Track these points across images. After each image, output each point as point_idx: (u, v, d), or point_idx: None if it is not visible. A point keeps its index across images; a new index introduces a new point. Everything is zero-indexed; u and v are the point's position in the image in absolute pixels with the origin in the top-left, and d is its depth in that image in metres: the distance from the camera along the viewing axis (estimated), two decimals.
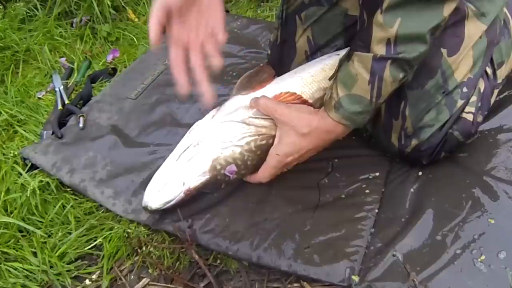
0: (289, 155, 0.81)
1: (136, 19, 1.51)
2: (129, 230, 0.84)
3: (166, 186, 0.80)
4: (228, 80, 1.16)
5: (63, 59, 1.34)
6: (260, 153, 0.82)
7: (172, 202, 0.80)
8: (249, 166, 0.83)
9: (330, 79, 0.83)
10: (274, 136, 0.82)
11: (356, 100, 0.77)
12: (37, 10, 1.48)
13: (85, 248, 0.85)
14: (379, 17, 0.71)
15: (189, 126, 0.86)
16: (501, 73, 0.92)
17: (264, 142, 0.82)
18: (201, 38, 0.74)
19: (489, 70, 0.88)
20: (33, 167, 0.98)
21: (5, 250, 0.83)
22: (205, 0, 0.74)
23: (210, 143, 0.81)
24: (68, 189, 0.95)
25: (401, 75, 0.74)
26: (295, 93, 0.86)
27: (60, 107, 1.13)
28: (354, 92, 0.76)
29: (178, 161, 0.81)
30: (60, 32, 1.43)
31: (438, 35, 0.74)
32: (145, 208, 0.80)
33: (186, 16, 0.74)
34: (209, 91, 0.73)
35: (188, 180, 0.80)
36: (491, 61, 0.88)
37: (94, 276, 0.82)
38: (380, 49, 0.72)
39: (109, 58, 1.34)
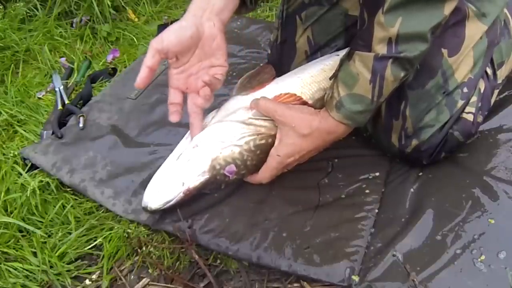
0: (290, 156, 0.81)
1: (136, 19, 1.51)
2: (129, 230, 0.84)
3: (166, 186, 0.80)
4: (228, 80, 1.15)
5: (63, 59, 1.34)
6: (260, 153, 0.82)
7: (172, 202, 0.80)
8: (248, 166, 0.83)
9: (330, 78, 0.83)
10: (273, 136, 0.82)
11: (357, 99, 0.77)
12: (37, 10, 1.48)
13: (85, 248, 0.84)
14: (380, 17, 0.71)
15: (189, 126, 0.86)
16: (501, 74, 0.92)
17: (263, 141, 0.82)
18: (200, 85, 0.81)
19: (489, 71, 0.88)
20: (33, 167, 0.98)
21: (5, 250, 0.83)
22: (209, 46, 0.79)
23: (209, 143, 0.81)
24: (68, 189, 0.94)
25: (402, 74, 0.74)
26: (295, 94, 0.86)
27: (60, 107, 1.13)
28: (355, 92, 0.76)
29: (177, 161, 0.81)
30: (60, 32, 1.43)
31: (439, 34, 0.74)
32: (145, 209, 0.80)
33: (185, 59, 0.80)
34: (199, 128, 0.83)
35: (188, 180, 0.80)
36: (491, 61, 0.88)
37: (94, 276, 0.82)
38: (381, 49, 0.72)
39: (109, 58, 1.34)
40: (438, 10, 0.70)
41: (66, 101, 1.14)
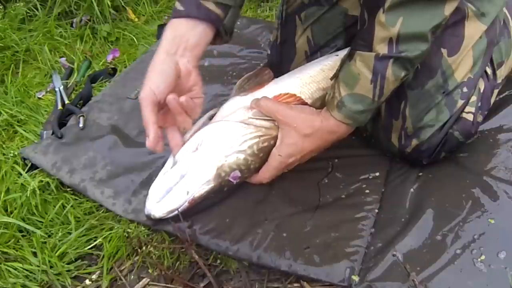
0: (291, 156, 0.81)
1: (136, 19, 1.51)
2: (129, 230, 0.84)
3: (170, 195, 0.79)
4: (228, 80, 1.16)
5: (63, 59, 1.34)
6: (263, 155, 0.82)
7: (176, 212, 0.79)
8: (252, 169, 0.82)
9: (331, 78, 0.83)
10: (275, 137, 0.82)
11: (358, 99, 0.77)
12: (37, 10, 1.48)
13: (85, 248, 0.84)
14: (381, 16, 0.71)
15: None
16: (501, 73, 0.92)
17: (266, 144, 0.82)
18: (178, 119, 0.77)
19: (489, 70, 0.88)
20: (33, 167, 0.98)
21: (5, 250, 0.83)
22: (186, 83, 0.78)
23: (212, 150, 0.80)
24: (68, 189, 0.94)
25: (403, 74, 0.74)
26: (295, 95, 0.86)
27: (60, 107, 1.13)
28: (356, 91, 0.76)
29: (179, 168, 0.80)
30: (60, 32, 1.43)
31: (439, 34, 0.75)
32: (148, 217, 0.80)
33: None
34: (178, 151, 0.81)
35: (192, 189, 0.79)
36: (491, 61, 0.88)
37: (94, 276, 0.82)
38: (382, 48, 0.72)
39: (109, 58, 1.34)
40: (438, 11, 0.70)
41: (66, 101, 1.14)
